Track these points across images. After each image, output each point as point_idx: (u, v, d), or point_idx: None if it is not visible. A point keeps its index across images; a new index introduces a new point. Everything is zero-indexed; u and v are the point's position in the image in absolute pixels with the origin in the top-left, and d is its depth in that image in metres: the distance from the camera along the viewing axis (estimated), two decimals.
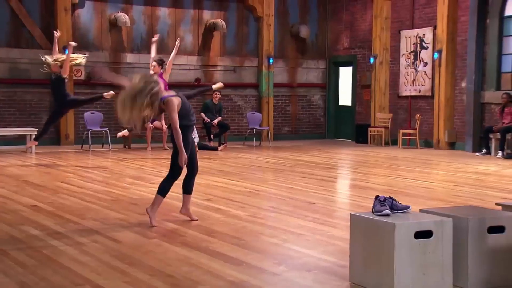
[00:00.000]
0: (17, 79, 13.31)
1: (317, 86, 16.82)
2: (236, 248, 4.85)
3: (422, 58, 14.26)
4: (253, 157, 12.12)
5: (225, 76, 15.47)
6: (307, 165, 10.63)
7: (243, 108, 15.78)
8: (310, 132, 16.77)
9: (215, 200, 6.99)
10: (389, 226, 3.69)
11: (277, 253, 4.76)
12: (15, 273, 4.13)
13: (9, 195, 7.22)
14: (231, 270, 4.23)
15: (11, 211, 6.27)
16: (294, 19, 16.28)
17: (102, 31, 14.14)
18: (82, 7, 13.89)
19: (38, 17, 13.44)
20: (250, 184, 8.33)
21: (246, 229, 5.57)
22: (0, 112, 13.18)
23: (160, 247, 4.88)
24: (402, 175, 9.35)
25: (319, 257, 4.59)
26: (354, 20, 16.04)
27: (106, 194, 7.40)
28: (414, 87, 14.52)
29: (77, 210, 6.34)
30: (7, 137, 12.78)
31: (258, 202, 7.08)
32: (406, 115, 14.80)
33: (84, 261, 4.42)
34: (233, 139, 15.02)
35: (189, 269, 4.26)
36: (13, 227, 5.53)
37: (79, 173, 9.31)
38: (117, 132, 14.12)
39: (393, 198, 4.00)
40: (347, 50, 16.31)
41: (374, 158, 12.14)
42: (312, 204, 6.80)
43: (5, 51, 13.13)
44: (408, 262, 3.69)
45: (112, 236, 5.20)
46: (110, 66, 14.20)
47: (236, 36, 15.63)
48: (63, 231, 5.37)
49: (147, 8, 14.55)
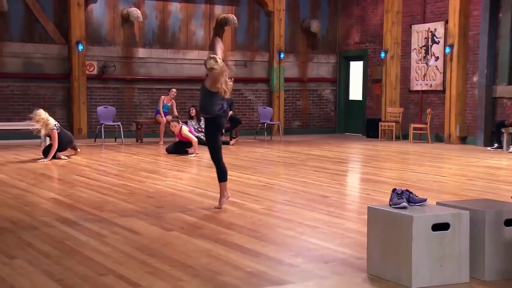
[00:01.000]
0: (31, 74, 13.45)
1: (327, 81, 16.85)
2: (254, 240, 4.92)
3: (433, 52, 14.26)
4: (265, 151, 12.19)
5: (236, 70, 15.46)
6: (319, 159, 10.68)
7: (254, 103, 15.85)
8: (320, 126, 16.82)
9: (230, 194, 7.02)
10: (407, 219, 3.75)
11: (294, 245, 4.83)
12: (40, 263, 4.23)
13: (28, 188, 7.33)
14: (249, 262, 4.30)
15: (32, 204, 6.38)
16: (305, 14, 16.31)
17: (115, 26, 14.24)
18: (95, 2, 14.00)
19: (51, 12, 13.56)
20: (264, 178, 8.39)
21: (262, 221, 5.64)
22: (15, 107, 13.32)
23: (179, 239, 4.96)
24: (414, 169, 9.39)
25: (336, 249, 4.65)
26: (365, 14, 16.04)
27: (122, 187, 7.49)
28: (425, 81, 14.52)
29: (95, 203, 6.44)
30: (22, 131, 12.90)
31: (273, 195, 7.15)
32: (417, 110, 14.81)
33: (106, 252, 4.51)
34: (244, 134, 15.10)
35: (208, 260, 4.34)
36: (35, 219, 5.63)
37: (94, 167, 9.41)
38: (129, 126, 14.29)
39: (410, 191, 4.05)
40: (358, 45, 16.32)
41: (385, 152, 12.18)
42: (325, 198, 6.86)
43: (19, 46, 13.26)
44: (426, 254, 3.75)
45: (131, 228, 5.28)
46: (122, 61, 14.31)
47: (247, 30, 15.68)
48: (83, 223, 5.47)
49: (159, 3, 14.63)
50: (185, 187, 7.58)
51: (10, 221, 5.53)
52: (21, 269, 4.09)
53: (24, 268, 4.12)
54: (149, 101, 14.52)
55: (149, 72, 14.58)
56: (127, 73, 14.37)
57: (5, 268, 4.10)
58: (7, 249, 4.59)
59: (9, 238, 4.93)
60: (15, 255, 4.41)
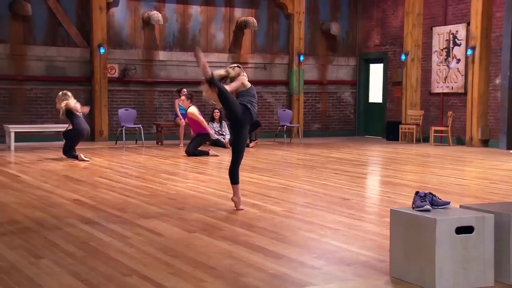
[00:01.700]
0: (54, 77, 13.63)
1: (347, 83, 16.81)
2: (275, 242, 4.93)
3: (455, 54, 14.15)
4: (284, 153, 12.20)
5: (256, 73, 15.57)
6: (339, 161, 10.66)
7: (274, 105, 15.87)
8: (340, 129, 16.79)
9: (251, 196, 7.07)
10: (430, 222, 3.73)
11: (315, 247, 4.83)
12: (66, 263, 4.29)
13: (52, 190, 7.44)
14: (272, 263, 4.31)
15: (56, 205, 6.46)
16: (325, 17, 16.30)
17: (136, 29, 14.38)
18: (117, 5, 14.14)
19: (74, 16, 13.74)
20: (284, 180, 8.40)
21: (283, 224, 5.65)
22: (38, 109, 13.52)
23: (201, 240, 4.99)
24: (435, 172, 9.32)
25: (358, 252, 4.65)
26: (385, 17, 15.98)
27: (144, 189, 7.56)
28: (446, 84, 14.41)
29: (117, 204, 6.50)
30: (45, 133, 13.11)
31: (293, 198, 7.16)
32: (438, 112, 14.70)
33: (129, 253, 4.56)
34: (264, 136, 15.13)
35: (231, 262, 4.36)
36: (60, 220, 5.71)
37: (116, 169, 9.51)
38: (150, 128, 14.41)
39: (433, 194, 4.03)
40: (378, 47, 16.27)
41: (405, 155, 12.11)
42: (346, 200, 6.85)
43: (43, 49, 13.46)
44: (449, 257, 3.73)
45: (153, 230, 5.33)
46: (143, 64, 14.44)
47: (266, 33, 15.72)
48: (107, 224, 5.53)
49: (179, 6, 14.74)
50: (206, 189, 7.63)
51: (35, 222, 5.62)
52: (48, 269, 4.15)
53: (51, 268, 4.18)
54: (169, 103, 14.62)
55: (169, 75, 14.69)
56: (148, 76, 14.49)
57: (32, 268, 4.17)
58: (33, 249, 4.67)
59: (35, 238, 5.01)
60: (41, 255, 4.48)
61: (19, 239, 4.95)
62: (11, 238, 4.98)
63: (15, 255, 4.48)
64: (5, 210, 6.17)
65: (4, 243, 4.81)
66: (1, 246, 4.72)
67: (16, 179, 8.29)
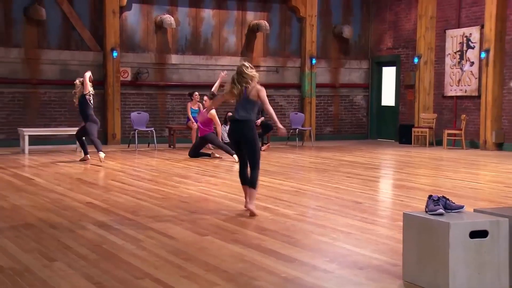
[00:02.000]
0: (67, 81, 13.67)
1: (359, 86, 16.76)
2: (288, 245, 4.92)
3: (468, 57, 14.06)
4: (296, 157, 12.18)
5: (268, 76, 15.58)
6: (351, 165, 10.62)
7: (286, 109, 15.86)
8: (352, 132, 16.73)
9: (263, 199, 7.06)
10: (444, 226, 3.71)
11: (328, 251, 4.81)
12: (79, 266, 4.31)
13: (65, 193, 7.48)
14: (284, 267, 4.30)
15: (69, 208, 6.50)
16: (337, 20, 16.28)
17: (148, 32, 14.44)
18: (130, 9, 14.22)
19: (87, 20, 13.83)
20: (296, 183, 8.39)
21: (295, 227, 5.64)
22: (51, 113, 13.61)
23: (213, 243, 4.99)
24: (449, 176, 9.26)
25: (370, 256, 4.63)
26: (398, 19, 15.92)
27: (156, 192, 7.58)
28: (459, 87, 14.32)
29: (130, 207, 6.52)
30: (58, 137, 13.19)
31: (305, 201, 7.14)
32: (451, 116, 14.61)
33: (142, 256, 4.57)
34: (276, 139, 15.10)
35: (243, 265, 4.35)
36: (73, 223, 5.75)
37: (128, 172, 9.55)
38: (162, 132, 14.46)
39: (446, 197, 4.00)
40: (391, 50, 16.21)
41: (418, 158, 12.04)
42: (359, 204, 6.82)
43: (57, 53, 13.56)
44: (463, 262, 3.70)
45: (166, 233, 5.34)
46: (156, 67, 14.50)
47: (279, 36, 15.72)
48: (119, 227, 5.55)
49: (192, 10, 14.79)
50: (218, 192, 7.63)
51: (49, 225, 5.65)
52: (61, 272, 4.18)
53: (64, 270, 4.20)
54: (182, 107, 14.66)
55: (181, 78, 14.74)
56: (160, 79, 14.55)
57: (46, 270, 4.20)
58: (47, 251, 4.69)
59: (49, 241, 5.04)
60: (55, 258, 4.51)
61: (33, 242, 4.98)
62: (25, 241, 5.02)
63: (29, 257, 4.51)
64: (19, 213, 6.22)
65: (18, 246, 4.85)
66: (15, 249, 4.76)
67: (30, 182, 8.36)
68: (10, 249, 4.75)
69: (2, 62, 13.09)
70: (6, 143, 12.99)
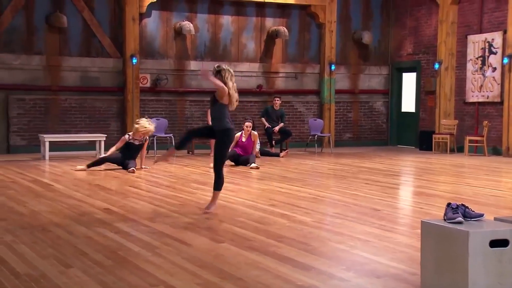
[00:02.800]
0: (87, 87, 13.86)
1: (379, 93, 16.64)
2: (304, 253, 4.87)
3: (490, 63, 13.86)
4: (315, 163, 12.11)
5: (287, 82, 15.55)
6: (370, 171, 10.52)
7: (305, 115, 15.80)
8: (372, 138, 16.60)
9: (280, 206, 7.03)
10: (463, 234, 3.63)
11: (345, 259, 4.75)
12: (95, 273, 4.31)
13: (83, 199, 7.52)
14: (300, 275, 4.25)
15: (87, 214, 6.53)
16: (357, 25, 16.19)
17: (167, 39, 14.52)
18: (149, 16, 14.32)
19: (107, 27, 13.95)
20: (314, 190, 8.33)
21: (312, 234, 5.58)
22: (72, 119, 13.74)
23: (229, 251, 4.96)
24: (470, 183, 9.12)
25: (388, 264, 4.56)
26: (419, 25, 15.78)
27: (174, 198, 7.58)
28: (481, 93, 14.12)
29: (147, 214, 6.53)
30: (78, 143, 13.31)
31: (323, 208, 7.08)
32: (472, 122, 14.41)
33: (157, 263, 4.55)
34: (295, 146, 15.06)
35: (258, 273, 4.31)
36: (89, 229, 5.76)
37: (146, 178, 9.57)
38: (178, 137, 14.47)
39: (466, 205, 3.93)
40: (411, 56, 16.06)
41: (439, 165, 11.88)
42: (377, 211, 6.74)
43: (77, 60, 13.70)
44: (483, 271, 3.62)
45: (182, 239, 5.32)
46: (175, 74, 14.55)
47: (298, 42, 15.69)
48: (136, 234, 5.55)
49: (211, 16, 14.84)
50: (236, 199, 7.61)
51: (66, 231, 5.67)
52: (77, 278, 4.18)
53: (79, 277, 4.20)
54: (200, 113, 14.69)
55: (200, 85, 14.77)
56: (179, 86, 14.60)
57: (61, 277, 4.20)
58: (63, 258, 4.70)
59: (66, 247, 5.05)
60: (71, 264, 4.51)
61: (49, 248, 5.00)
62: (42, 247, 5.04)
63: (45, 263, 4.52)
64: (37, 218, 6.26)
65: (35, 252, 4.87)
66: (32, 255, 4.78)
67: (49, 188, 8.42)
68: (27, 255, 4.77)
69: (24, 69, 13.26)
70: (27, 149, 13.15)
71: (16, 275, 4.23)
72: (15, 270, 4.33)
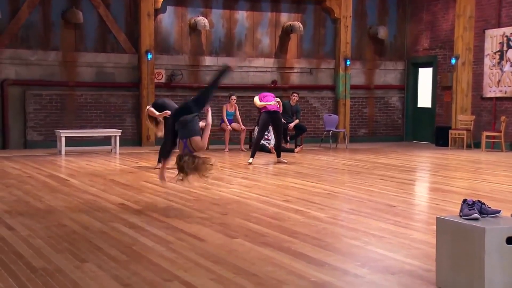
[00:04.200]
0: (103, 83, 13.92)
1: (395, 88, 16.51)
2: (318, 249, 4.85)
3: (508, 58, 13.68)
4: (330, 159, 12.06)
5: (302, 78, 15.50)
6: (386, 167, 10.45)
7: (320, 110, 15.74)
8: (387, 134, 16.49)
9: (294, 202, 7.01)
10: (479, 231, 3.60)
11: (359, 255, 4.73)
12: (109, 267, 4.33)
13: (98, 194, 7.56)
14: (314, 271, 4.24)
15: (102, 209, 6.56)
16: (372, 21, 16.07)
17: (183, 35, 14.54)
18: (164, 12, 14.34)
19: (123, 23, 14.00)
20: (328, 186, 8.29)
21: (327, 230, 5.56)
22: (87, 114, 13.82)
23: (243, 246, 4.95)
24: (487, 179, 9.02)
25: (403, 260, 4.53)
26: (435, 20, 15.62)
27: (188, 194, 7.59)
28: (499, 88, 13.95)
29: (161, 209, 6.55)
30: (94, 138, 13.40)
31: (338, 204, 7.05)
32: (490, 117, 14.25)
33: (171, 258, 4.56)
34: (309, 141, 15.01)
35: (272, 268, 4.30)
36: (104, 224, 5.79)
37: None
38: None
39: (482, 202, 3.89)
40: (427, 51, 15.91)
41: (456, 161, 11.77)
42: (392, 207, 6.69)
43: (93, 56, 13.77)
44: (500, 268, 3.58)
45: (196, 235, 5.33)
46: (190, 69, 14.57)
47: (313, 38, 15.62)
48: (150, 229, 5.56)
49: (226, 12, 14.82)
50: (250, 194, 7.60)
51: (82, 226, 5.70)
52: (91, 273, 4.20)
53: (94, 272, 4.22)
54: (215, 108, 14.64)
55: None
56: (194, 81, 14.61)
57: (76, 271, 4.23)
58: (78, 252, 4.73)
59: (81, 242, 5.08)
60: (86, 259, 4.54)
61: (65, 242, 5.03)
62: (58, 241, 5.07)
63: (60, 258, 4.55)
64: (53, 213, 6.29)
65: (51, 246, 4.90)
66: (48, 249, 4.81)
67: (65, 183, 8.47)
68: (43, 249, 4.81)
69: (40, 64, 13.37)
70: (43, 145, 13.27)
71: (32, 269, 4.26)
72: (31, 264, 4.37)
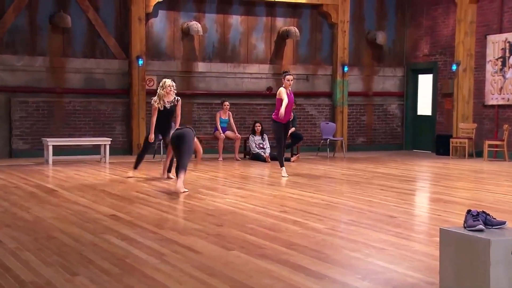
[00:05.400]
0: (92, 89, 13.53)
1: (394, 95, 16.23)
2: (317, 261, 4.67)
3: (511, 64, 13.42)
4: (327, 168, 11.75)
5: (298, 84, 15.15)
6: (385, 177, 10.17)
7: (316, 118, 15.43)
8: (386, 142, 16.19)
9: (292, 212, 6.76)
10: (484, 242, 3.51)
11: (360, 267, 4.55)
12: (102, 281, 4.14)
13: (89, 205, 7.25)
14: (313, 284, 4.09)
15: (92, 220, 6.28)
16: (371, 25, 15.80)
17: (175, 40, 14.21)
18: (156, 16, 14.01)
19: (113, 28, 13.64)
20: (327, 196, 8.03)
21: (326, 242, 5.36)
22: (76, 122, 13.41)
23: (239, 258, 4.75)
24: (490, 189, 8.76)
25: (405, 273, 4.37)
26: (435, 25, 15.35)
27: (182, 204, 7.34)
28: (501, 95, 13.67)
29: (154, 220, 6.27)
30: (83, 147, 13.00)
31: (337, 215, 6.82)
32: (492, 125, 13.96)
33: (166, 271, 4.38)
34: (306, 150, 14.68)
35: (271, 281, 4.14)
36: (96, 236, 5.54)
37: (153, 183, 9.27)
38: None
39: (487, 212, 3.78)
40: (427, 57, 15.64)
41: (457, 170, 11.49)
42: (393, 218, 6.47)
43: (82, 62, 13.38)
44: (505, 281, 3.48)
45: (191, 247, 5.11)
46: (182, 75, 14.22)
47: (309, 43, 15.33)
48: (143, 241, 5.32)
49: (219, 16, 14.51)
50: (246, 205, 7.30)
51: (72, 238, 5.45)
52: (83, 286, 4.03)
53: (86, 285, 4.03)
54: (208, 116, 14.36)
55: (208, 87, 14.45)
56: (187, 88, 14.25)
57: (67, 285, 4.03)
58: (69, 265, 4.52)
59: (71, 254, 4.86)
60: (77, 272, 4.34)
61: (55, 255, 4.82)
62: (47, 254, 4.85)
63: (50, 271, 4.36)
64: (41, 225, 6.03)
65: (40, 259, 4.69)
66: (37, 262, 4.61)
67: (53, 193, 8.15)
68: (32, 262, 4.60)
69: (27, 70, 12.98)
70: (30, 154, 12.82)
71: (21, 283, 4.08)
72: (20, 278, 4.19)
